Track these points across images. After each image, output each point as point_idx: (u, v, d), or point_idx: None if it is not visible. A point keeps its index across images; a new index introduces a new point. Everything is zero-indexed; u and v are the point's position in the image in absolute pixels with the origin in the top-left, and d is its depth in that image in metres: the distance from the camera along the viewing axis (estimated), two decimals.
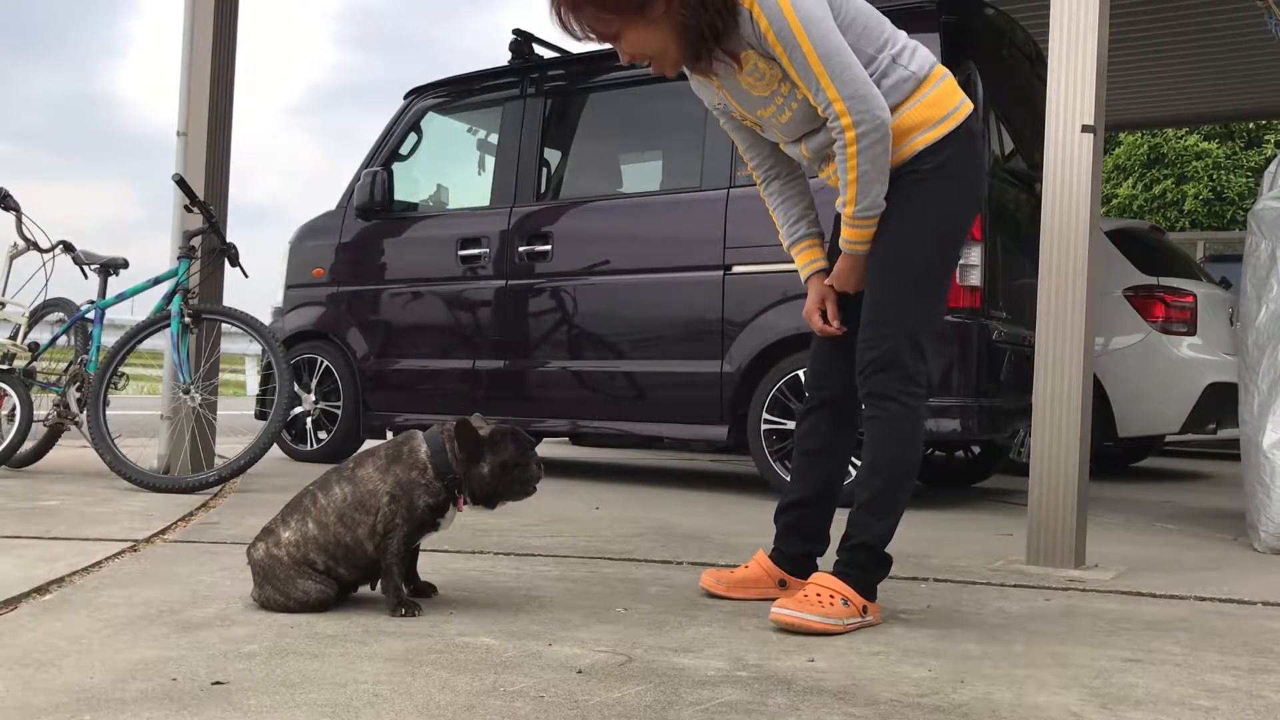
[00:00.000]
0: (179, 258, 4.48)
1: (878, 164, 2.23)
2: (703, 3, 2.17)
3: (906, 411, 2.31)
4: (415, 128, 5.80)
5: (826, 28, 2.19)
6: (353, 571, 2.27)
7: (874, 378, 2.32)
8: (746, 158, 2.55)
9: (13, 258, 4.90)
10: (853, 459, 3.00)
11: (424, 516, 2.26)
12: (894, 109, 2.27)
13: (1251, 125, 17.08)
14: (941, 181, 2.30)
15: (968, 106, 2.36)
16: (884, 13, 2.39)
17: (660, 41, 2.26)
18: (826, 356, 2.51)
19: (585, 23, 2.25)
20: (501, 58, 5.68)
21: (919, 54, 2.34)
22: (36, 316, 4.95)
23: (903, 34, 2.37)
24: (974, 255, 4.30)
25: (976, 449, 5.59)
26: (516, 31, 5.63)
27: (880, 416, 2.32)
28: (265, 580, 2.24)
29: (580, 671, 1.85)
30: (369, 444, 5.37)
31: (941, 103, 2.32)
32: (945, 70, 2.37)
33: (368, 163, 5.77)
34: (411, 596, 2.29)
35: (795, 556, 2.54)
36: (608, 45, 2.32)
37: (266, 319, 5.82)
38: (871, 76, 2.25)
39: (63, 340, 4.82)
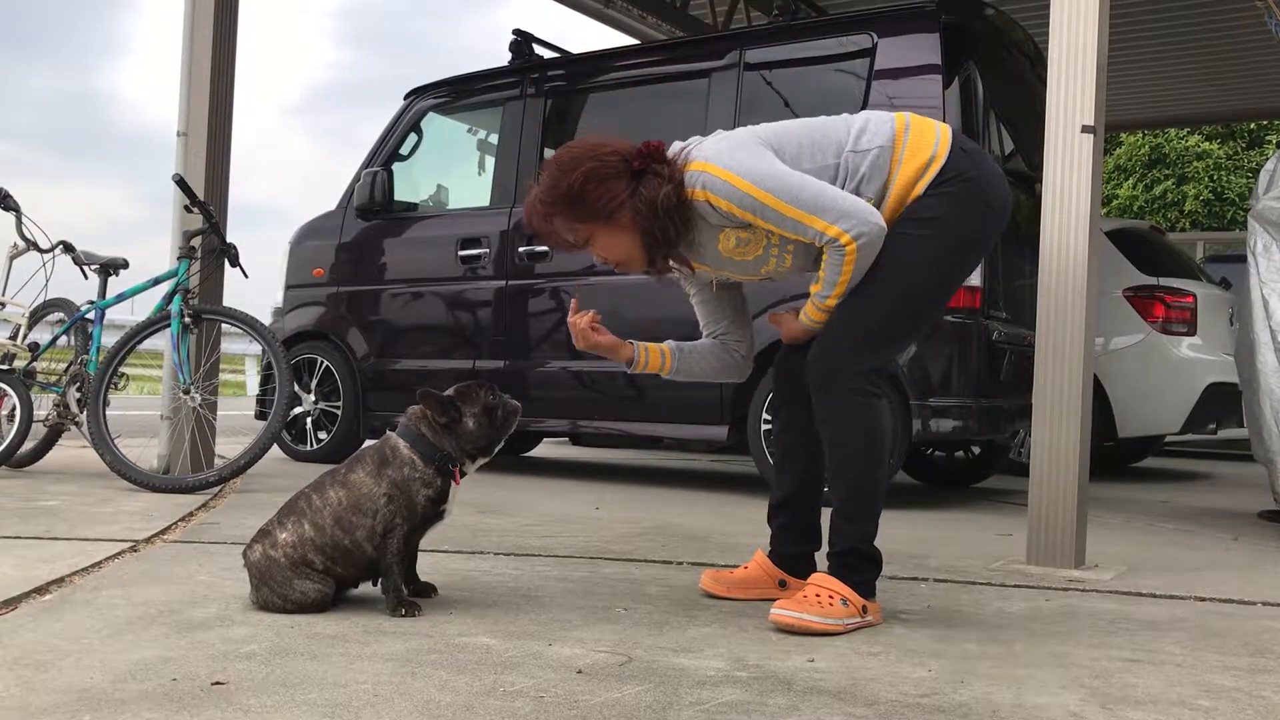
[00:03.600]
0: (179, 258, 4.48)
1: (869, 261, 2.24)
2: (653, 210, 2.23)
3: (862, 408, 2.28)
4: (415, 128, 5.80)
5: (781, 173, 2.22)
6: (351, 571, 2.28)
7: (826, 376, 2.30)
8: (702, 323, 2.59)
9: (13, 258, 4.90)
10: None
11: (426, 510, 2.27)
12: (886, 183, 2.28)
13: (1252, 125, 17.08)
14: (953, 205, 2.29)
15: (946, 130, 2.35)
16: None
17: (629, 245, 2.33)
18: (791, 356, 2.52)
19: (558, 231, 2.33)
20: (501, 56, 5.69)
21: (873, 123, 2.33)
22: (36, 317, 4.95)
23: (842, 118, 2.36)
24: None
25: (976, 449, 5.59)
26: (516, 32, 5.63)
27: (831, 419, 2.31)
28: (262, 582, 2.24)
29: (580, 671, 1.85)
30: (369, 444, 5.37)
31: (923, 143, 2.31)
32: (904, 115, 2.36)
33: (368, 163, 5.77)
34: (411, 597, 2.29)
35: (792, 556, 2.55)
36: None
37: (266, 319, 5.82)
38: (847, 180, 2.27)
39: (63, 340, 4.82)
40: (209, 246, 4.59)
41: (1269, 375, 4.07)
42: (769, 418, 4.54)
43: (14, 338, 4.84)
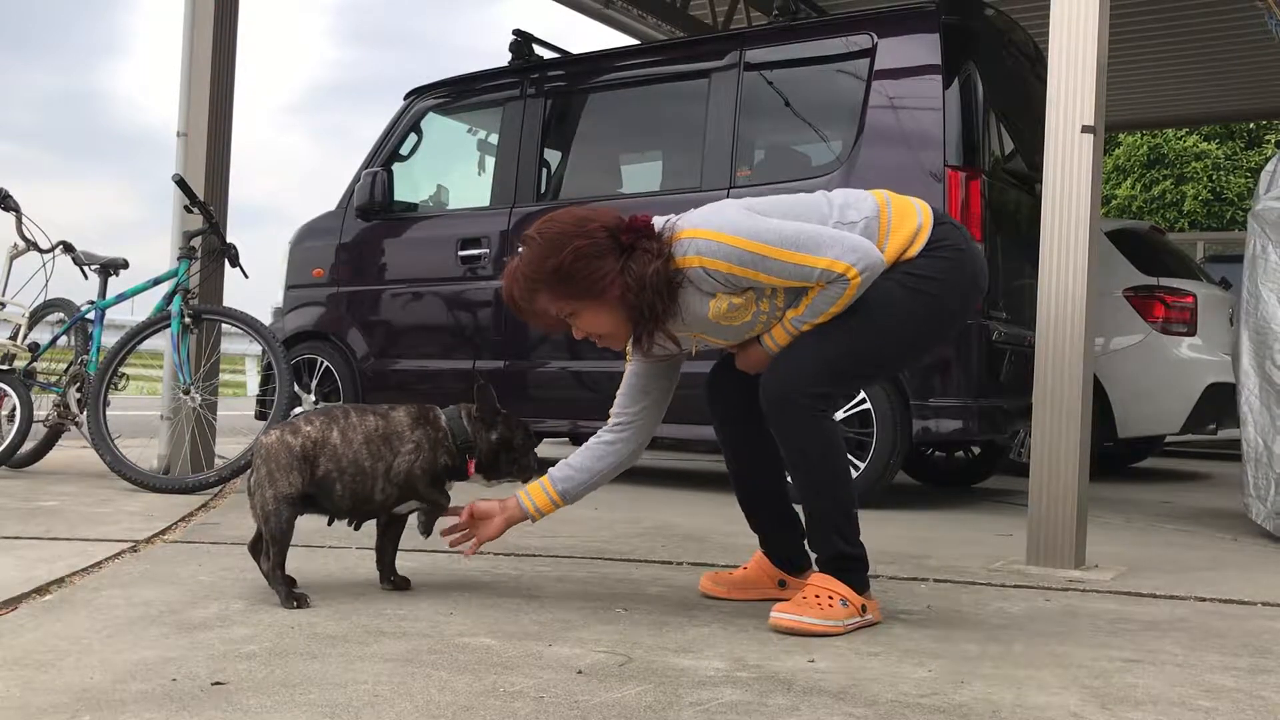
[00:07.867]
0: (179, 258, 4.48)
1: (858, 295, 2.23)
2: (640, 285, 2.19)
3: (815, 419, 2.26)
4: (415, 128, 5.80)
5: (773, 224, 2.21)
6: (342, 501, 2.34)
7: (781, 391, 2.27)
8: (621, 396, 2.47)
9: (13, 258, 4.90)
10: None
11: (441, 473, 2.40)
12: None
13: (1251, 125, 17.08)
14: (949, 270, 2.29)
15: (924, 204, 2.37)
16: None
17: (614, 321, 2.28)
18: (726, 376, 2.52)
19: (541, 307, 2.27)
20: (501, 54, 5.69)
21: (853, 197, 2.34)
22: (37, 317, 4.95)
23: (819, 194, 2.37)
24: None
25: (976, 449, 5.59)
26: (516, 32, 5.63)
27: (788, 435, 2.28)
28: (264, 462, 2.28)
29: (580, 671, 1.85)
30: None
31: (906, 214, 2.32)
32: (881, 191, 2.38)
33: (368, 163, 5.77)
34: (390, 589, 2.44)
35: (786, 554, 2.55)
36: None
37: (266, 319, 5.82)
38: None
39: (63, 341, 4.82)
40: (209, 246, 4.58)
41: (1250, 378, 4.06)
42: None
43: (14, 338, 4.84)
